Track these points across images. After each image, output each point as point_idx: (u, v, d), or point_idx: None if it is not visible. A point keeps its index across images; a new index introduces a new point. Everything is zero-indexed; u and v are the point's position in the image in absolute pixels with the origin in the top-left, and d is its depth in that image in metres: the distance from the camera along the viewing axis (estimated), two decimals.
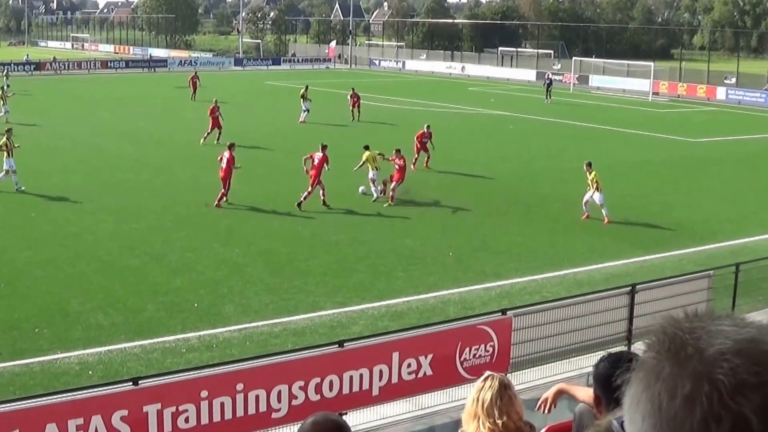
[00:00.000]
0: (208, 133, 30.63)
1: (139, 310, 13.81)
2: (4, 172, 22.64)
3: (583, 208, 20.47)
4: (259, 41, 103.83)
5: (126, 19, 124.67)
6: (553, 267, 16.71)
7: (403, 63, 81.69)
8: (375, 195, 22.12)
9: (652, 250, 18.05)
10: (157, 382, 8.78)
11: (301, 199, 20.85)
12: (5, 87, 40.50)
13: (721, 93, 56.85)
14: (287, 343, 12.23)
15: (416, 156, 26.03)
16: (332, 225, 19.63)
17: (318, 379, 9.39)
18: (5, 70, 55.26)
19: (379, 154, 22.52)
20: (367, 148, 22.72)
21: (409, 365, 10.02)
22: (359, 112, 37.48)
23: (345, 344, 9.78)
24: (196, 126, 35.78)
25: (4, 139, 23.08)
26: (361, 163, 22.52)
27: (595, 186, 20.13)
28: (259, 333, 12.95)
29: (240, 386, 8.94)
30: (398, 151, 22.48)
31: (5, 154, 22.77)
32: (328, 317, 13.71)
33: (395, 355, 9.93)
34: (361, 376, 9.71)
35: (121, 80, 62.12)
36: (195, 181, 24.31)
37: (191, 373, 9.14)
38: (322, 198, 21.19)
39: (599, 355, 4.45)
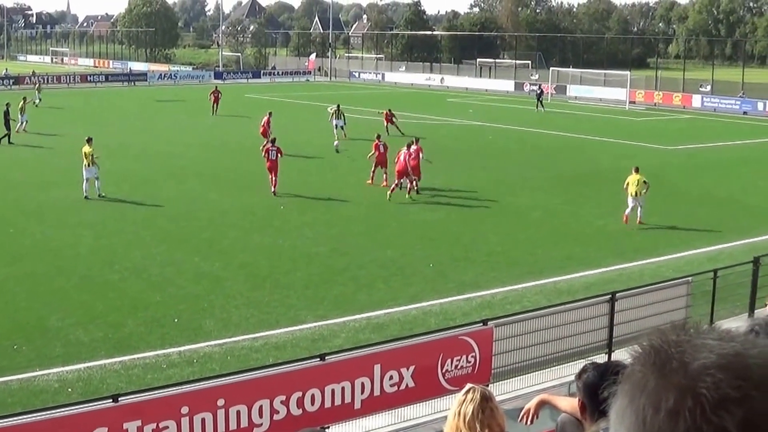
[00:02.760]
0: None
1: (119, 325, 13.70)
2: (86, 180, 22.92)
3: (636, 209, 20.88)
4: (239, 54, 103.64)
5: (106, 33, 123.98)
6: (533, 276, 16.76)
7: (383, 75, 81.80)
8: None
9: (631, 258, 18.16)
10: (137, 398, 8.71)
11: (415, 186, 23.83)
12: (36, 100, 39.62)
13: (696, 101, 57.36)
14: (268, 358, 12.19)
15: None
16: (312, 237, 19.59)
17: (300, 393, 9.35)
18: (38, 84, 54.18)
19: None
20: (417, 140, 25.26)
21: (390, 377, 10.00)
22: (398, 128, 36.86)
23: (326, 357, 9.75)
24: (176, 139, 35.76)
25: (88, 147, 23.21)
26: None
27: (641, 189, 20.60)
28: (240, 347, 12.88)
29: (221, 401, 8.87)
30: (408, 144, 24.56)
31: (86, 163, 22.95)
32: (310, 330, 13.66)
33: (377, 368, 9.91)
34: (342, 389, 9.68)
35: (100, 94, 61.75)
36: (177, 193, 24.19)
37: (172, 389, 9.07)
38: (409, 188, 23.72)
39: (581, 363, 4.46)
